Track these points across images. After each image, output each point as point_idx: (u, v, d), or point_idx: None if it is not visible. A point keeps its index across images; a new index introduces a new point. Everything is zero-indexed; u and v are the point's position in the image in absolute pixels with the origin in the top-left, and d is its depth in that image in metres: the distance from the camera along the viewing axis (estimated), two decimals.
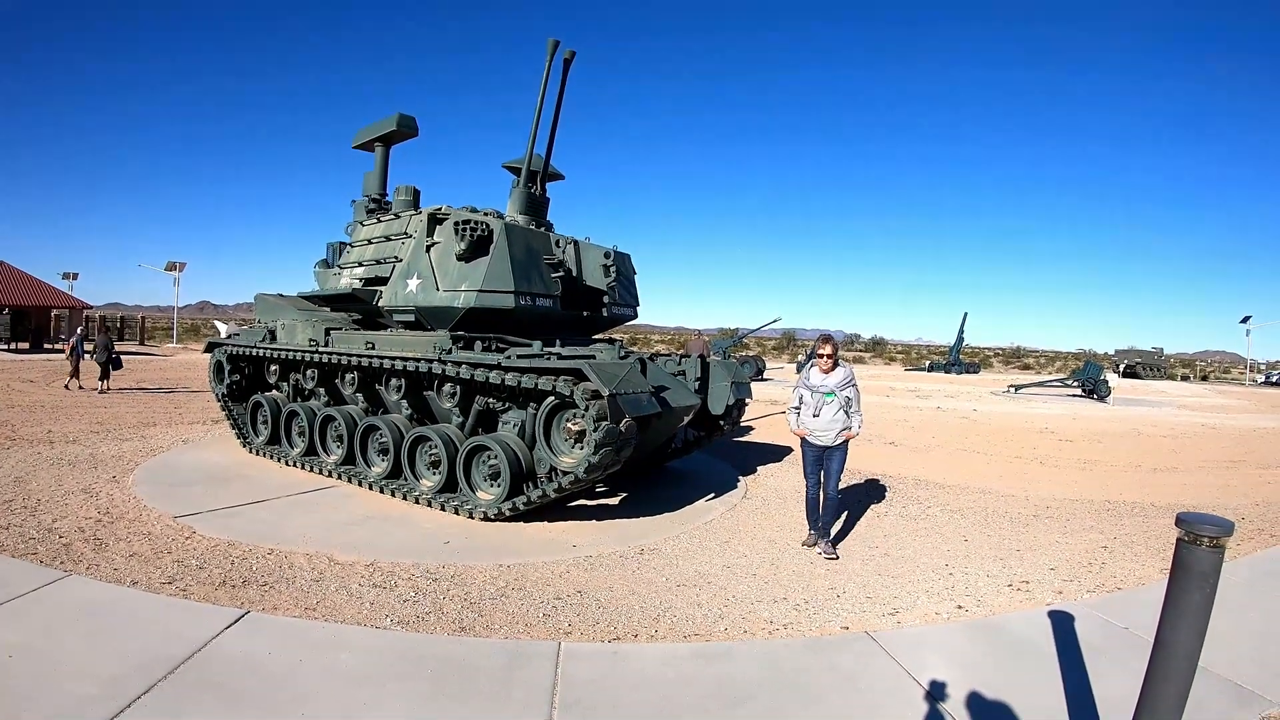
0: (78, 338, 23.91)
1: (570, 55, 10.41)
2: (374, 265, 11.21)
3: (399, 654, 5.37)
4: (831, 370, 8.57)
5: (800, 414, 8.67)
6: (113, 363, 22.48)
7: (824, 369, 8.56)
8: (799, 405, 8.69)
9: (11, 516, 8.27)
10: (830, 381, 8.49)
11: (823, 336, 8.83)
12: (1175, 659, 3.33)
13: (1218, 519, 3.27)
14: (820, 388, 8.47)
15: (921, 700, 4.92)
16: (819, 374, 8.60)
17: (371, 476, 10.39)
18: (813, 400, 8.50)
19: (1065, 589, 7.33)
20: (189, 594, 6.35)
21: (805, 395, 8.60)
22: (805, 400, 8.59)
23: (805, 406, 8.59)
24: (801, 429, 8.64)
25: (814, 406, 8.48)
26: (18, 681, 4.64)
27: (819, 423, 8.46)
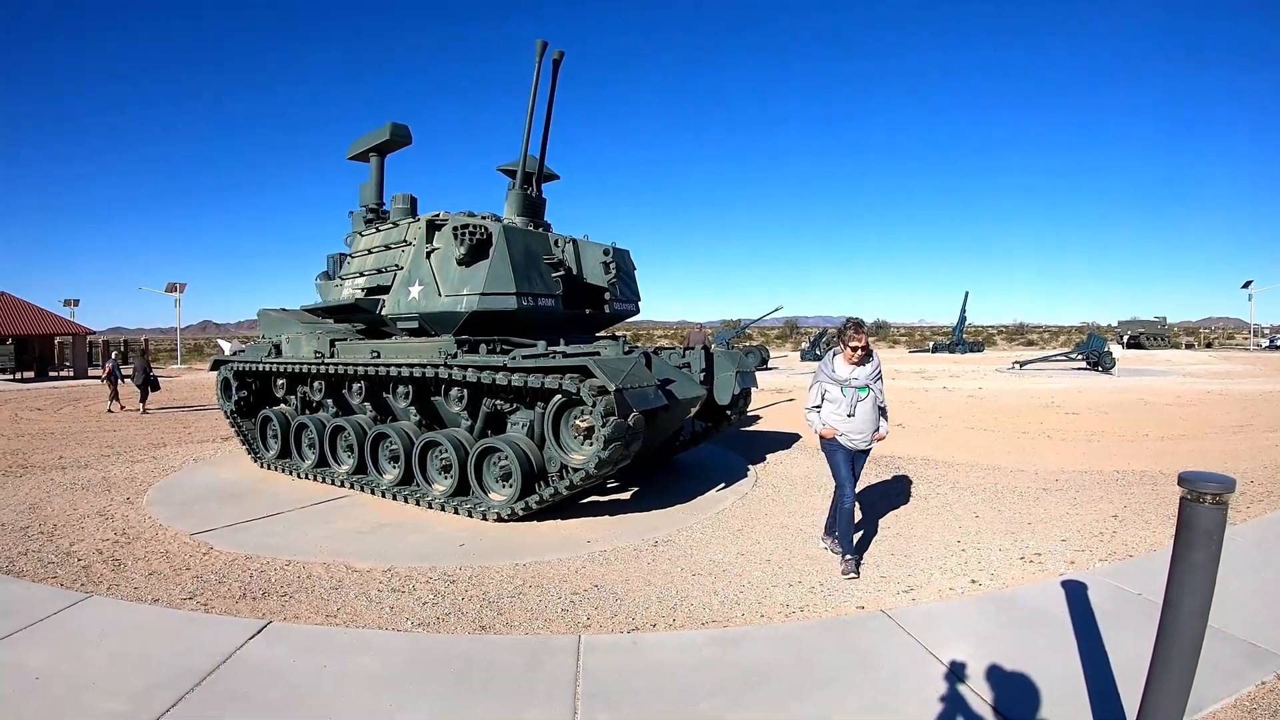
0: (114, 363, 24.45)
1: (559, 56, 10.45)
2: (375, 275, 11.27)
3: (422, 655, 5.44)
4: (864, 360, 7.54)
5: (823, 412, 7.61)
6: (151, 384, 23.04)
7: (854, 360, 7.47)
8: (819, 403, 7.65)
9: (29, 542, 8.33)
10: (863, 374, 7.47)
11: (853, 322, 7.62)
12: (1185, 616, 3.38)
13: (1220, 476, 3.32)
14: (851, 381, 7.43)
15: (940, 674, 4.98)
16: (846, 365, 7.51)
17: (383, 484, 10.44)
18: (844, 396, 7.41)
19: (1077, 559, 7.39)
20: (210, 608, 6.42)
21: (831, 390, 7.49)
22: (832, 396, 7.50)
23: (833, 404, 7.49)
24: (829, 429, 7.52)
25: (847, 404, 7.40)
26: (47, 703, 4.70)
27: (855, 423, 7.42)
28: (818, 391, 7.65)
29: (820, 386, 7.61)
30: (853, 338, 7.43)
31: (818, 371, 7.73)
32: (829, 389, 7.51)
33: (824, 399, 7.60)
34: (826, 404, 7.57)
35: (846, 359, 7.50)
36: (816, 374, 7.72)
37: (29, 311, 41.86)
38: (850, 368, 7.47)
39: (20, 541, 8.35)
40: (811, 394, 7.75)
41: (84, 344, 45.14)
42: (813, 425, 7.70)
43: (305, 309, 13.04)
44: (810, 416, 7.75)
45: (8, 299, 41.83)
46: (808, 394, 7.88)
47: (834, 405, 7.48)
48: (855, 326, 7.53)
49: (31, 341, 41.09)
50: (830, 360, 7.66)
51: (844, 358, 7.52)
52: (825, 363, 7.70)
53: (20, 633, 5.78)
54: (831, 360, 7.65)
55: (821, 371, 7.66)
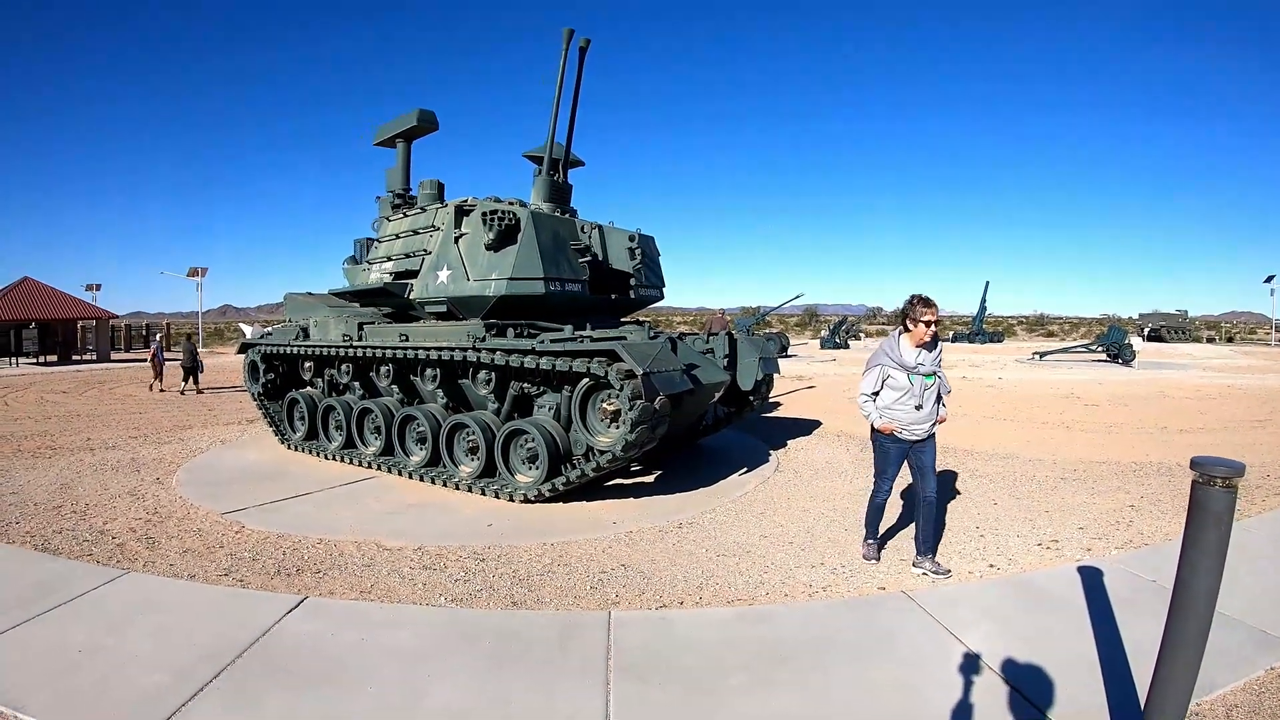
0: (158, 345, 25.55)
1: (585, 43, 10.51)
2: (403, 259, 11.38)
3: (456, 629, 5.57)
4: (932, 343, 6.72)
5: (882, 400, 6.74)
6: (197, 367, 23.90)
7: (924, 340, 6.60)
8: (878, 388, 6.75)
9: (63, 521, 8.46)
10: (929, 359, 6.65)
11: (920, 299, 6.62)
12: (1195, 596, 3.46)
13: (1230, 461, 3.40)
14: (919, 367, 6.59)
15: (959, 652, 5.09)
16: (913, 347, 6.66)
17: (411, 466, 10.57)
18: (912, 384, 6.59)
19: (1094, 546, 7.47)
20: (246, 584, 6.56)
21: (896, 377, 6.62)
22: (896, 384, 6.64)
23: (897, 392, 6.64)
24: (891, 424, 6.67)
25: (915, 394, 6.59)
26: (90, 677, 4.81)
27: (921, 415, 6.65)
28: (877, 376, 6.73)
29: (881, 371, 6.71)
30: (924, 313, 6.54)
31: (877, 353, 6.84)
32: (893, 375, 6.65)
33: (884, 385, 6.74)
34: (887, 392, 6.72)
35: (914, 340, 6.65)
36: (875, 356, 6.84)
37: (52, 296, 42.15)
38: (916, 351, 6.64)
39: (54, 520, 8.49)
40: (869, 379, 6.80)
41: (106, 328, 45.43)
42: (868, 416, 6.85)
43: (333, 293, 13.16)
44: (865, 406, 6.85)
45: (31, 284, 42.13)
46: (863, 378, 6.92)
47: (898, 394, 6.64)
48: (925, 303, 6.58)
49: (55, 326, 41.37)
50: (895, 341, 6.73)
51: (911, 339, 6.68)
52: (889, 344, 6.75)
53: (61, 608, 5.90)
54: (896, 341, 6.72)
55: (884, 353, 6.73)
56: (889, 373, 6.66)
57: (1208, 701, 4.43)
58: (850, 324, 62.13)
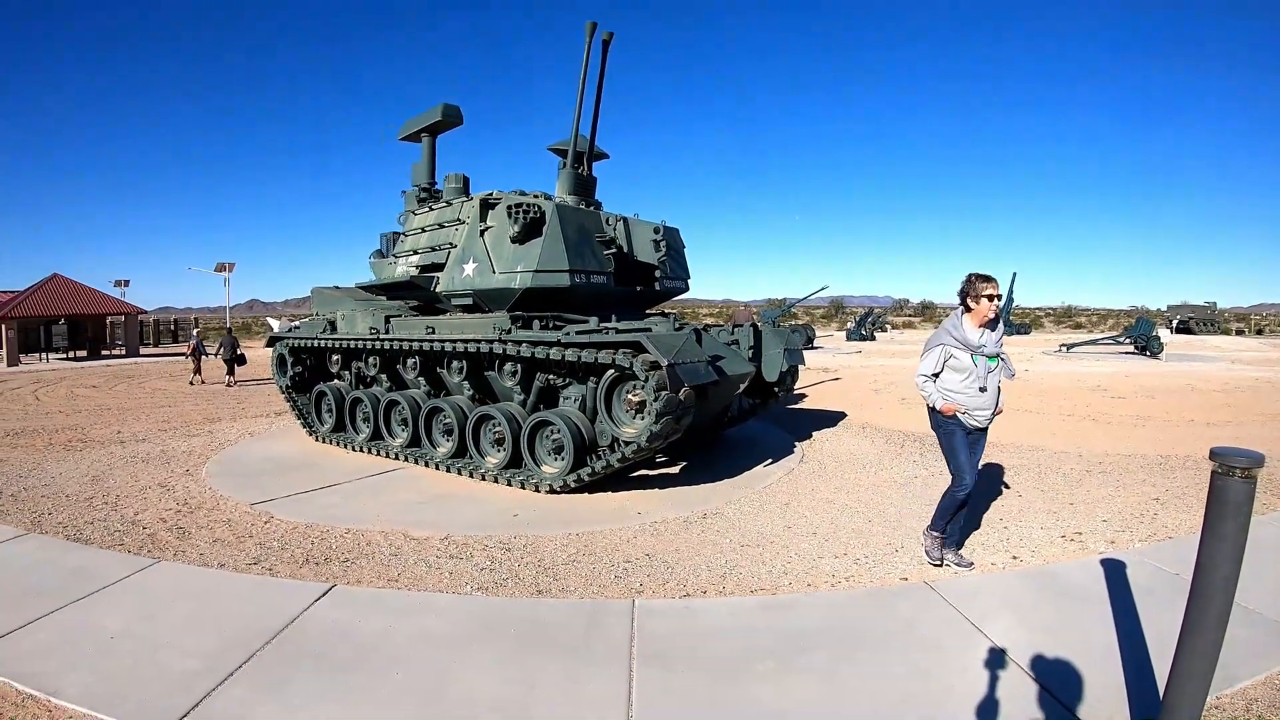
0: (197, 340, 26.11)
1: (609, 37, 10.51)
2: (429, 252, 11.45)
3: (482, 617, 5.64)
4: (994, 322, 6.45)
5: (943, 382, 6.49)
6: (237, 360, 24.55)
7: (987, 315, 6.34)
8: (939, 369, 6.49)
9: (94, 512, 8.61)
10: (992, 340, 6.38)
11: (979, 275, 6.39)
12: (1214, 587, 3.46)
13: (1249, 452, 3.40)
14: (984, 348, 6.32)
15: (980, 642, 5.11)
16: (976, 327, 6.40)
17: (437, 457, 10.65)
18: (975, 366, 6.33)
19: (1117, 539, 7.45)
20: (275, 572, 6.66)
21: (960, 358, 6.36)
22: (959, 365, 6.38)
23: (960, 374, 6.38)
24: (952, 404, 6.40)
25: (978, 375, 6.32)
26: (123, 661, 4.92)
27: (986, 398, 6.38)
28: (939, 357, 6.45)
29: (944, 351, 6.43)
30: (985, 287, 6.28)
31: (938, 333, 6.56)
32: (956, 355, 6.38)
33: (945, 367, 6.46)
34: (949, 374, 6.45)
35: (977, 318, 6.38)
36: (936, 336, 6.57)
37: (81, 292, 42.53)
38: (980, 330, 6.37)
39: (86, 511, 8.63)
40: (929, 360, 6.52)
41: (135, 323, 45.78)
42: (929, 398, 6.56)
43: (360, 286, 13.27)
44: (926, 387, 6.57)
45: (60, 280, 42.52)
46: (922, 359, 6.62)
47: (961, 376, 6.37)
48: (983, 277, 6.37)
49: (84, 321, 41.79)
50: (957, 321, 6.45)
51: (973, 318, 6.41)
52: (951, 324, 6.48)
53: (94, 595, 6.02)
54: (959, 320, 6.44)
55: (946, 333, 6.46)
56: (951, 353, 6.38)
57: (1228, 695, 4.43)
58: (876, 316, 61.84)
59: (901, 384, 22.03)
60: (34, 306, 39.04)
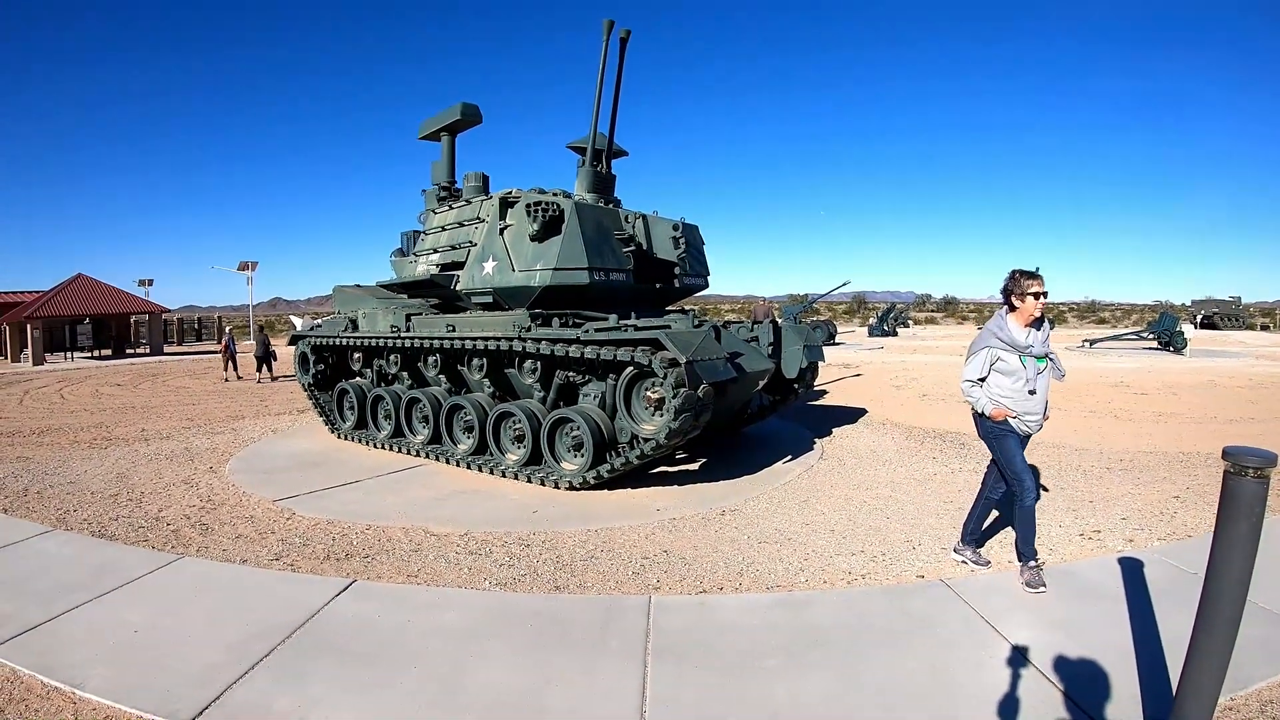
0: (229, 338, 26.86)
1: (626, 34, 10.53)
2: (449, 251, 11.51)
3: (500, 612, 5.70)
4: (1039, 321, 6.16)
5: (991, 385, 6.17)
6: (271, 356, 25.13)
7: (1033, 313, 6.05)
8: (985, 374, 6.19)
9: (119, 509, 8.72)
10: (1039, 339, 6.08)
11: (1022, 271, 6.09)
12: (1226, 587, 3.46)
13: (1262, 451, 3.39)
14: (1032, 348, 6.02)
15: (994, 640, 5.12)
16: (1022, 326, 6.10)
17: (458, 454, 10.72)
18: (1024, 368, 6.03)
19: (1136, 537, 7.42)
20: (297, 568, 6.75)
21: (1007, 360, 6.06)
22: (1007, 367, 6.07)
23: (1008, 376, 6.08)
24: (1003, 409, 6.06)
25: (1028, 378, 6.03)
26: (147, 654, 5.01)
27: (1036, 401, 6.08)
28: (985, 360, 6.17)
29: (990, 353, 6.14)
30: (1031, 284, 5.97)
31: (983, 334, 6.26)
32: (1004, 357, 6.08)
33: (992, 370, 6.18)
34: (996, 377, 6.15)
35: (1023, 318, 6.09)
36: (981, 338, 6.27)
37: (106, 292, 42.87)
38: (1026, 330, 6.08)
39: (111, 508, 8.74)
40: (974, 364, 6.23)
41: (159, 322, 46.13)
42: (976, 404, 6.23)
43: (381, 285, 13.35)
44: (973, 393, 6.25)
45: (85, 280, 42.88)
46: (966, 364, 6.32)
47: (1010, 379, 6.08)
48: (1027, 274, 6.06)
49: (109, 320, 42.12)
50: (1002, 321, 6.16)
51: (1019, 316, 6.12)
52: (996, 324, 6.17)
53: (118, 590, 6.12)
54: (1004, 320, 6.16)
55: (991, 334, 6.16)
56: (998, 355, 6.08)
57: (1242, 696, 4.42)
58: (899, 311, 61.62)
59: (923, 380, 22.00)
60: (59, 306, 39.40)
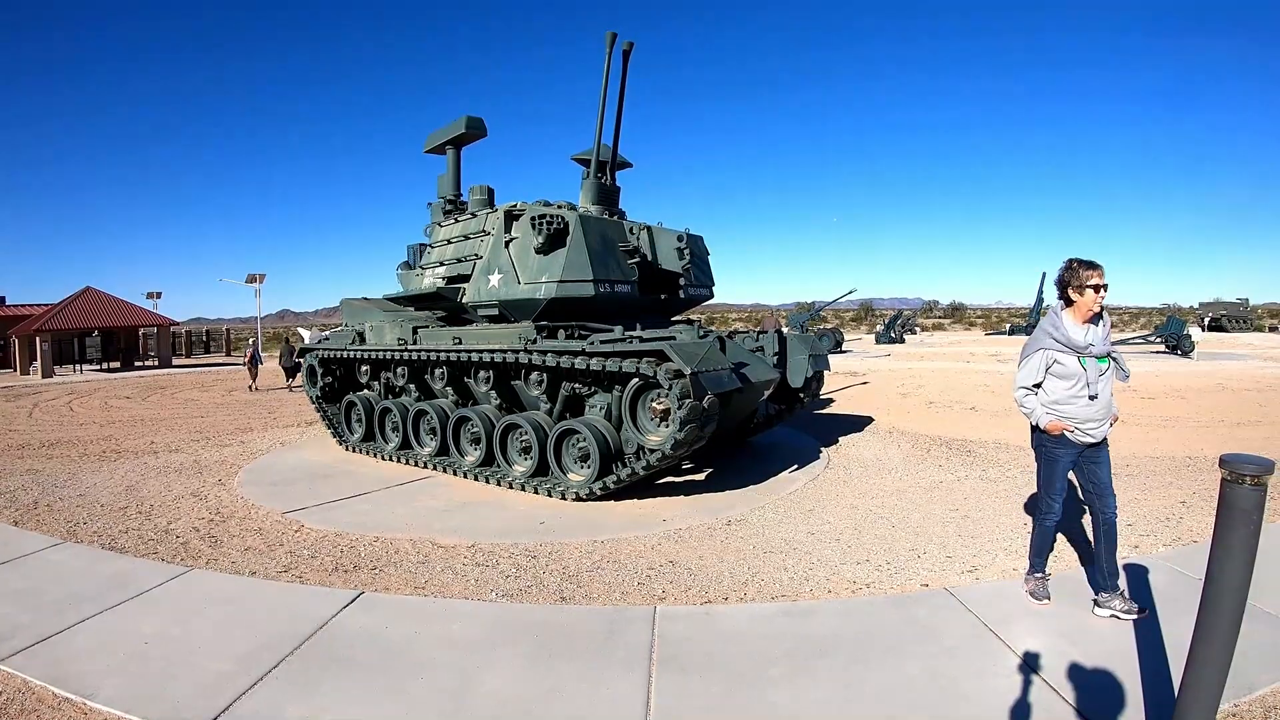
0: (254, 349, 27.93)
1: (629, 46, 10.60)
2: (455, 264, 11.59)
3: (506, 623, 5.74)
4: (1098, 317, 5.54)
5: (1048, 391, 5.61)
6: (296, 367, 25.20)
7: (1092, 309, 5.45)
8: (1041, 379, 5.64)
9: (129, 521, 8.77)
10: (1099, 337, 5.48)
11: (1080, 261, 5.48)
12: (1225, 594, 3.48)
13: (1259, 459, 3.41)
14: (1092, 348, 5.43)
15: (997, 648, 5.14)
16: (1080, 324, 5.52)
17: (465, 465, 10.76)
18: (1083, 370, 5.45)
19: (1141, 543, 7.44)
20: (305, 580, 6.80)
21: (1065, 362, 5.49)
22: (1064, 370, 5.50)
23: (1066, 381, 5.51)
24: (1060, 422, 5.53)
25: (1089, 381, 5.45)
26: (157, 665, 5.07)
27: (1097, 408, 5.49)
28: (1040, 363, 5.61)
29: (1045, 356, 5.59)
30: (1091, 275, 5.38)
31: (1037, 335, 5.70)
32: (1060, 360, 5.52)
33: (1048, 374, 5.63)
34: (1053, 382, 5.60)
35: (1081, 313, 5.52)
36: (1035, 339, 5.70)
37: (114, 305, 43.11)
38: (1084, 328, 5.50)
39: (120, 520, 8.80)
40: (1028, 369, 5.68)
41: (168, 334, 46.35)
42: (1032, 415, 5.71)
43: (388, 298, 13.43)
44: (1027, 402, 5.73)
45: (94, 293, 43.10)
46: (1019, 369, 5.77)
47: (1068, 384, 5.51)
48: (1086, 264, 5.46)
49: (117, 333, 42.33)
50: (1057, 318, 5.57)
51: (1076, 312, 5.55)
52: (1050, 323, 5.60)
53: (128, 602, 6.18)
54: (1059, 318, 5.57)
55: (1046, 334, 5.59)
56: (1054, 357, 5.51)
57: (1245, 702, 4.42)
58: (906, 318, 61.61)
59: (929, 387, 22.01)
60: (68, 319, 39.63)
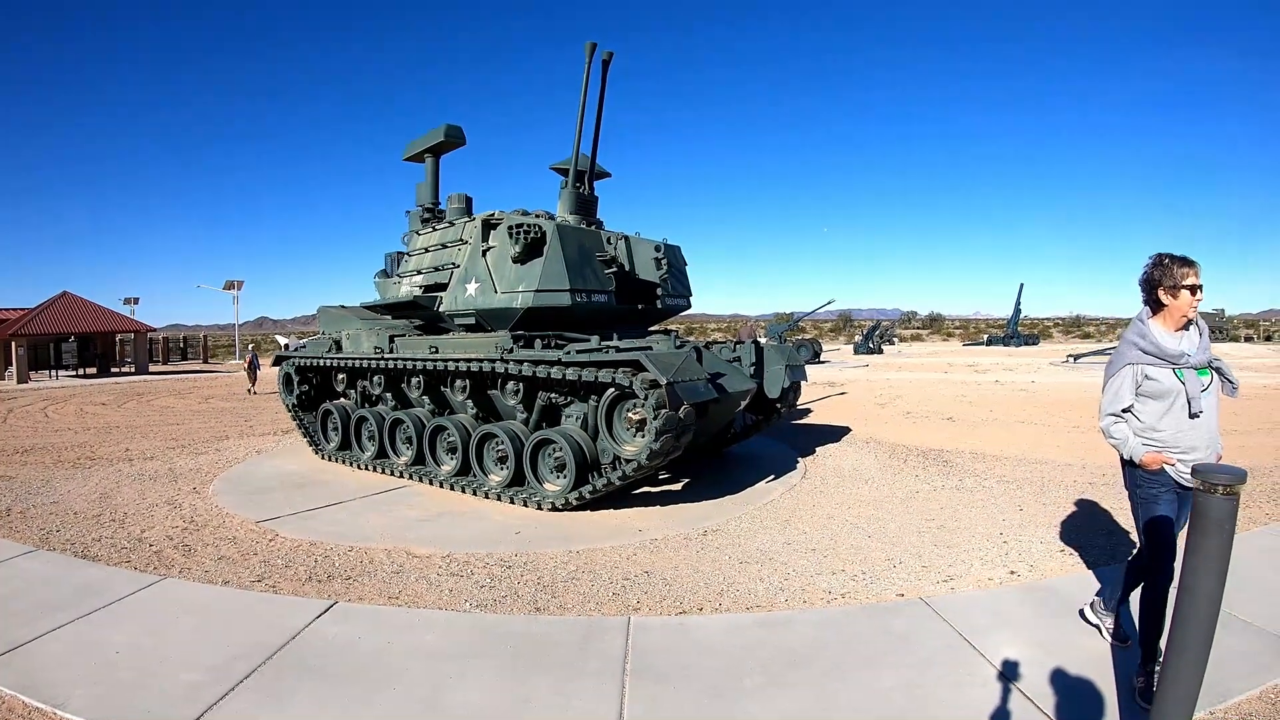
0: (253, 354, 28.47)
1: (608, 56, 10.60)
2: (433, 272, 11.55)
3: (480, 633, 5.71)
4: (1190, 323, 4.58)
5: (1141, 416, 4.63)
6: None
7: (1187, 313, 4.50)
8: (1131, 403, 4.62)
9: (102, 529, 8.69)
10: (1195, 345, 4.52)
11: (1173, 257, 4.49)
12: (1199, 600, 3.49)
13: (1231, 469, 3.43)
14: (1188, 357, 4.47)
15: (972, 657, 5.15)
16: (1170, 331, 4.56)
17: (441, 475, 10.71)
18: (1181, 385, 4.46)
19: (1118, 552, 7.44)
20: (279, 589, 6.74)
21: (1158, 378, 4.48)
22: (1156, 388, 4.50)
23: (1160, 401, 4.51)
24: (1159, 454, 4.51)
25: (1190, 397, 4.45)
26: (128, 675, 5.01)
27: (1201, 429, 4.52)
28: (1130, 381, 4.60)
29: (1135, 372, 4.57)
30: (1187, 274, 4.44)
31: (1123, 347, 4.68)
32: (1153, 375, 4.51)
33: (1139, 390, 4.60)
34: (1144, 404, 4.61)
35: (1173, 319, 4.56)
36: (1121, 352, 4.68)
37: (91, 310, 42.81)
38: (1178, 336, 4.54)
39: (93, 528, 8.72)
40: (1117, 389, 4.66)
41: (144, 341, 46.04)
42: (1123, 447, 4.69)
43: (365, 306, 13.41)
44: (1116, 431, 4.72)
45: (70, 298, 42.81)
46: (1105, 392, 4.77)
47: (1163, 405, 4.52)
48: (1181, 260, 4.48)
49: (94, 339, 42.05)
50: (1144, 325, 4.60)
51: (1167, 318, 4.59)
52: (1137, 332, 4.61)
53: (100, 611, 6.11)
54: (1146, 325, 4.59)
55: (1132, 345, 4.60)
56: (1146, 373, 4.53)
57: (1222, 709, 4.44)
58: (884, 329, 61.87)
59: (907, 398, 22.09)
60: (44, 324, 39.34)
